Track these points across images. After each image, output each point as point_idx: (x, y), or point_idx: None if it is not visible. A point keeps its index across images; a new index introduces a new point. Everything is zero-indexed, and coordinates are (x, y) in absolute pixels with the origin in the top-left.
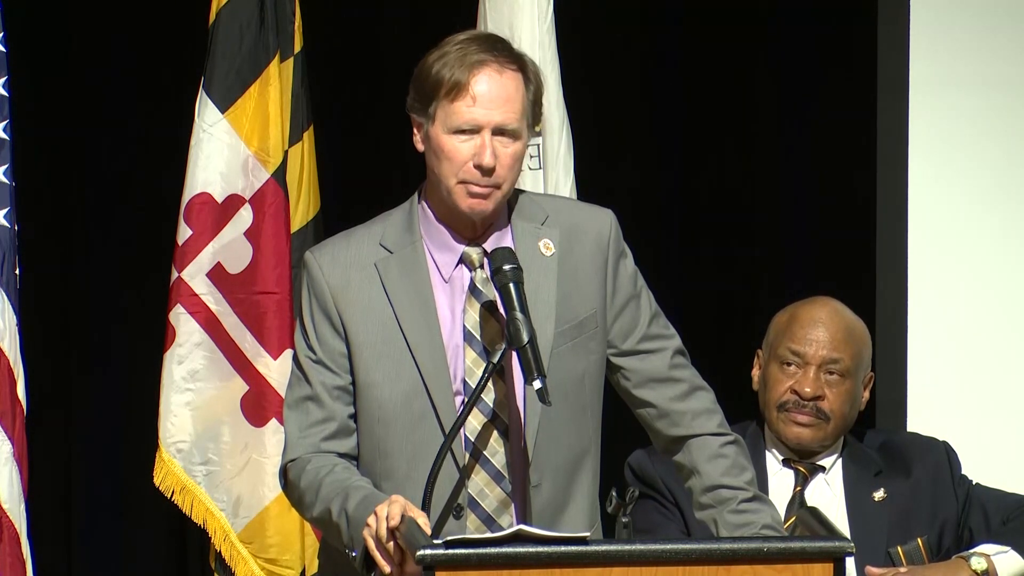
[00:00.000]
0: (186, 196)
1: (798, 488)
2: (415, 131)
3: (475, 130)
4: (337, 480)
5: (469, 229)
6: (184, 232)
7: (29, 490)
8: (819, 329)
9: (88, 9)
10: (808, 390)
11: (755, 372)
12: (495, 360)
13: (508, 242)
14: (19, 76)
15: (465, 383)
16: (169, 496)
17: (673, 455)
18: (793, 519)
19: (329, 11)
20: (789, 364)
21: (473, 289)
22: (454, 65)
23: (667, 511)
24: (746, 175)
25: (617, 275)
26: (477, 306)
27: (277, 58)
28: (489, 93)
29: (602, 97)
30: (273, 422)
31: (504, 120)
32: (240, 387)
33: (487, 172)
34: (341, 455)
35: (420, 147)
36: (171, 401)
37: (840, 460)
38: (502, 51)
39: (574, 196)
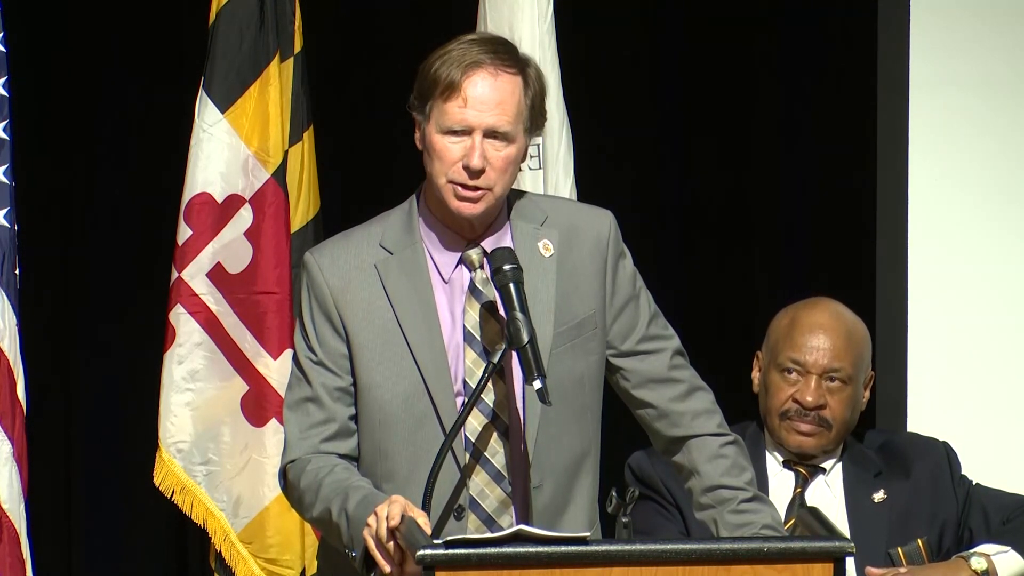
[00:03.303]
0: (186, 196)
1: (798, 489)
2: (416, 129)
3: (466, 131)
4: (337, 480)
5: (468, 230)
6: (184, 232)
7: (29, 490)
8: (820, 336)
9: (88, 9)
10: (810, 399)
11: (755, 374)
12: (495, 360)
13: (507, 242)
14: (19, 76)
15: (466, 384)
16: (169, 496)
17: (673, 456)
18: (793, 519)
19: (329, 11)
20: (790, 372)
21: (473, 289)
22: (452, 65)
23: (667, 513)
24: (746, 175)
25: (616, 276)
26: (477, 306)
27: (277, 58)
28: (482, 95)
29: (602, 97)
30: (273, 422)
31: (496, 123)
32: (240, 387)
33: (474, 174)
34: (341, 456)
35: (420, 145)
36: (171, 401)
37: (840, 461)
38: (502, 53)
39: (574, 196)
